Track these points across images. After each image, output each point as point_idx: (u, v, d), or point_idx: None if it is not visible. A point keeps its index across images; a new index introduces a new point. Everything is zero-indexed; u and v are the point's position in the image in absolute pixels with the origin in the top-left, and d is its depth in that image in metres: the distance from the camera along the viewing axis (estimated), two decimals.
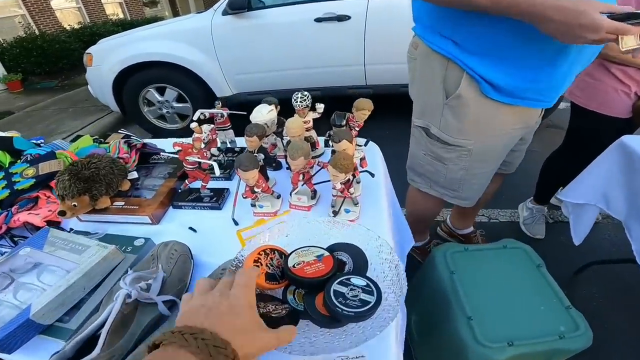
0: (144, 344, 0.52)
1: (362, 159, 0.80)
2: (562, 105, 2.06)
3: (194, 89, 2.85)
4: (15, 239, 0.82)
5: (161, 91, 2.95)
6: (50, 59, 6.41)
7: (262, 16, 2.58)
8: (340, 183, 0.71)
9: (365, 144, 0.88)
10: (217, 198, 0.83)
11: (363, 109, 0.86)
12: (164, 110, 3.03)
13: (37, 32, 7.06)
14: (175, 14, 13.05)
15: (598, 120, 1.30)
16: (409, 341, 1.23)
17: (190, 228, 0.78)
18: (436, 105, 0.96)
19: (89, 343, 0.51)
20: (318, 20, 2.49)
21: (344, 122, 0.82)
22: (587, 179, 1.19)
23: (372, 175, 0.78)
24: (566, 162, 1.51)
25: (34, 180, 0.87)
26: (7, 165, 1.02)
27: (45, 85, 6.17)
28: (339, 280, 0.52)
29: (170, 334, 0.34)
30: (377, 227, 0.69)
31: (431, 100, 0.97)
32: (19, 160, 1.01)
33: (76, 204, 0.77)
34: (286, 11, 2.58)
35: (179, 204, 0.84)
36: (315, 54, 2.63)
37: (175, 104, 2.99)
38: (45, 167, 0.88)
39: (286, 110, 0.95)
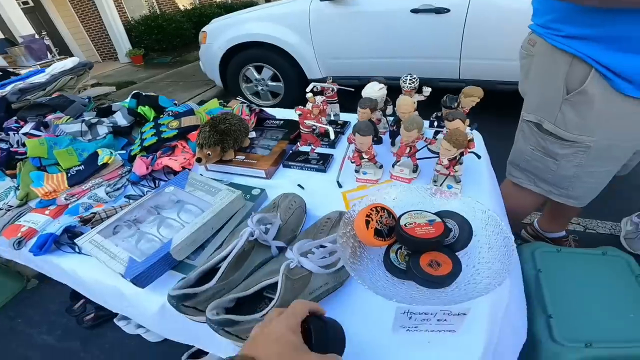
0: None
1: (470, 141, 0.82)
2: None
3: (288, 69, 3.04)
4: (156, 180, 1.00)
5: (259, 70, 3.21)
6: (167, 37, 7.22)
7: (359, 3, 2.63)
8: (448, 159, 0.74)
9: (472, 129, 0.89)
10: (324, 162, 0.92)
11: (472, 96, 0.87)
12: (259, 88, 3.30)
13: (158, 11, 7.96)
14: None
15: None
16: None
17: (299, 185, 0.88)
18: (554, 101, 0.94)
19: (210, 273, 0.59)
20: (414, 11, 2.46)
21: (456, 104, 0.84)
22: None
23: (479, 156, 0.79)
24: None
25: (177, 131, 1.05)
26: (151, 119, 1.24)
27: (161, 61, 7.04)
28: None
29: None
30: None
31: (548, 96, 0.96)
32: (161, 116, 1.22)
33: (210, 153, 0.91)
34: (383, 0, 2.59)
35: (289, 163, 0.95)
36: (409, 44, 2.60)
37: (269, 83, 3.23)
38: (186, 121, 1.06)
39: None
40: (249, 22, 3.05)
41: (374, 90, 0.92)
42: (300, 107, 0.87)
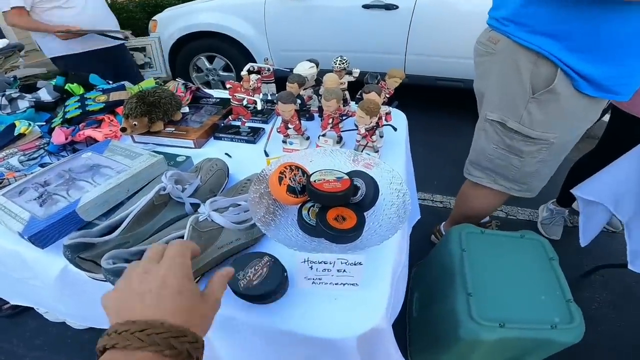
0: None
1: (387, 114, 0.87)
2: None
3: (240, 60, 3.00)
4: (77, 151, 0.95)
5: (210, 60, 3.15)
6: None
7: None
8: (365, 129, 0.79)
9: (393, 106, 0.95)
10: (254, 134, 0.94)
11: (395, 77, 0.93)
12: (210, 78, 3.24)
13: (109, 0, 7.54)
14: None
15: (637, 127, 1.28)
16: (406, 318, 1.29)
17: (226, 154, 0.89)
18: (518, 100, 0.96)
19: (116, 229, 0.56)
20: (366, 6, 2.56)
21: (376, 82, 0.89)
22: (603, 177, 1.19)
23: (395, 129, 0.85)
24: (595, 165, 1.49)
25: (104, 104, 1.01)
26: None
27: None
28: None
29: (117, 336, 0.28)
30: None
31: (512, 95, 0.97)
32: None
33: (136, 123, 0.90)
34: None
35: (220, 135, 0.96)
36: (359, 39, 2.69)
37: (221, 73, 3.17)
38: (115, 96, 1.03)
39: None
40: (203, 12, 2.98)
41: (304, 69, 0.95)
42: (230, 81, 0.89)
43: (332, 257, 0.54)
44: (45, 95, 1.20)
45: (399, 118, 1.04)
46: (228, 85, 0.90)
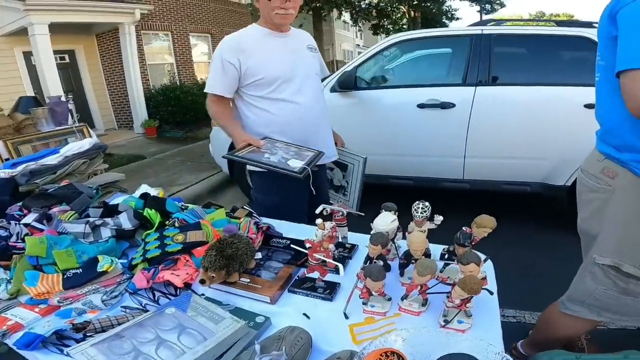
0: None
1: (483, 278, 0.79)
2: None
3: None
4: (155, 293, 0.95)
5: None
6: (182, 110, 7.07)
7: (367, 97, 2.66)
8: (461, 299, 0.71)
9: (485, 261, 0.86)
10: (330, 291, 0.89)
11: (485, 227, 0.86)
12: None
13: (178, 82, 7.87)
14: None
15: None
16: None
17: (304, 314, 0.84)
18: None
19: None
20: (421, 106, 2.45)
21: (469, 242, 0.83)
22: None
23: (491, 293, 0.77)
24: None
25: (182, 245, 1.03)
26: (156, 224, 1.22)
27: (173, 135, 7.02)
28: None
29: None
30: (491, 341, 0.66)
31: (633, 239, 0.86)
32: (167, 222, 1.21)
33: (214, 275, 0.89)
34: (390, 94, 2.63)
35: (295, 289, 0.92)
36: (414, 141, 2.54)
37: None
38: (192, 236, 1.05)
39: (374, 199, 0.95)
40: None
41: (386, 223, 0.91)
42: (309, 239, 0.87)
43: None
44: (125, 222, 1.25)
45: (488, 268, 0.94)
46: (307, 245, 0.89)
